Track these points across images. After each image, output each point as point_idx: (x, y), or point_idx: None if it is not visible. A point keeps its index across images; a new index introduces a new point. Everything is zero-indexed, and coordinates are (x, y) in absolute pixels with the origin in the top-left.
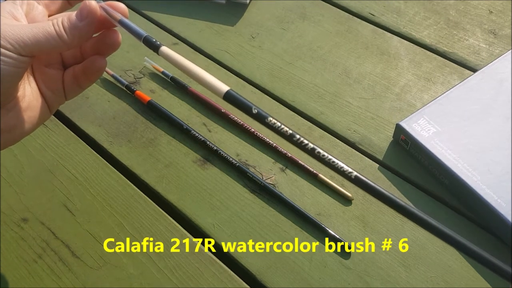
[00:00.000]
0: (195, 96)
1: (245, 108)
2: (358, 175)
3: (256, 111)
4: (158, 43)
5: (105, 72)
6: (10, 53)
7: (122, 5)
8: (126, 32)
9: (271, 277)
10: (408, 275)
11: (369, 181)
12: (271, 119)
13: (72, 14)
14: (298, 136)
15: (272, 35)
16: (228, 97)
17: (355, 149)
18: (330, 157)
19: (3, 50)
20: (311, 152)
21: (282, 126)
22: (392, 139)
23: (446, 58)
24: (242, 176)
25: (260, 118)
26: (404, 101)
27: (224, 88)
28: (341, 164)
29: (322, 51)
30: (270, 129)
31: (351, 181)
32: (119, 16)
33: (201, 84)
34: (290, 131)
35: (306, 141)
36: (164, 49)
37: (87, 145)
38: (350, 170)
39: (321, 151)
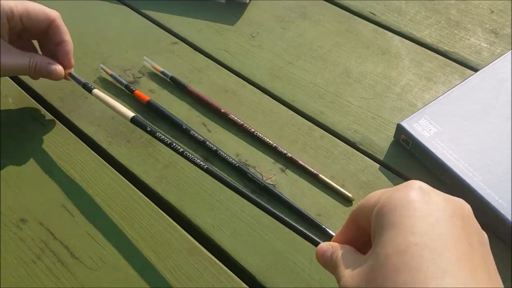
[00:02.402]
0: (194, 95)
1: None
2: (209, 167)
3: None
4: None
5: (104, 72)
6: None
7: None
8: (125, 30)
9: (271, 278)
10: None
11: (216, 171)
12: (160, 134)
13: (48, 64)
14: (182, 150)
15: (272, 35)
16: (133, 121)
17: (355, 149)
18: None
19: None
20: (182, 154)
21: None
22: (393, 139)
23: (447, 58)
24: (242, 177)
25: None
26: (405, 101)
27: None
28: (192, 156)
29: (323, 50)
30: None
31: (205, 171)
32: (83, 80)
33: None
34: (181, 149)
35: (181, 149)
36: (95, 91)
37: (86, 145)
38: (202, 164)
39: (186, 150)
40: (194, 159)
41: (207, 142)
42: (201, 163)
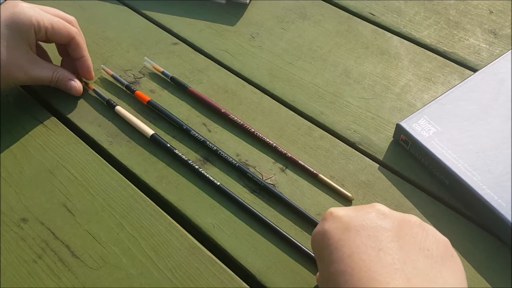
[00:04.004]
0: (195, 96)
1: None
2: (221, 185)
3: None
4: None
5: (104, 72)
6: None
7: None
8: (126, 30)
9: (271, 277)
10: None
11: (227, 190)
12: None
13: (68, 80)
14: (202, 173)
15: (272, 35)
16: (152, 139)
17: (355, 149)
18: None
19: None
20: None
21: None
22: (392, 139)
23: (446, 58)
24: (242, 176)
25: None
26: (404, 101)
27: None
28: (206, 174)
29: (322, 51)
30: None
31: (216, 189)
32: (107, 97)
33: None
34: (203, 172)
35: (197, 167)
36: (118, 108)
37: (86, 145)
38: (215, 181)
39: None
40: (208, 177)
41: (207, 142)
42: (215, 181)
